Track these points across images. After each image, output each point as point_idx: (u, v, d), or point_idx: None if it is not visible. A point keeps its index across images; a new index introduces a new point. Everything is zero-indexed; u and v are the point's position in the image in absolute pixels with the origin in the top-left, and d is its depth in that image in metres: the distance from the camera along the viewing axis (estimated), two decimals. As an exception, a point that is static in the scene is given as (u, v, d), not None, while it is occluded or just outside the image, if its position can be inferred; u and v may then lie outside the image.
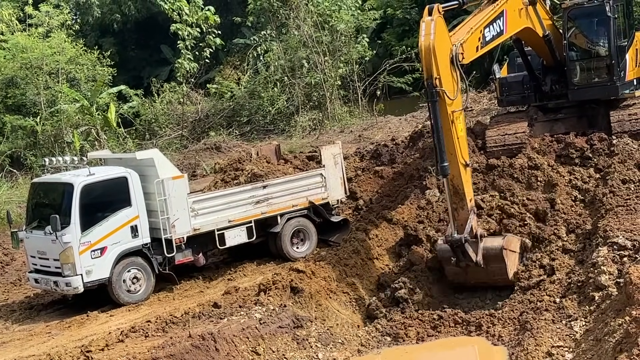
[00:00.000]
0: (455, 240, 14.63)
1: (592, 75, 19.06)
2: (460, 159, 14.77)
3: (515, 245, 15.78)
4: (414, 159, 20.17)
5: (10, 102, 35.31)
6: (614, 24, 18.50)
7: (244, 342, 13.17)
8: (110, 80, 38.93)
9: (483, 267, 15.10)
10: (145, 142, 36.01)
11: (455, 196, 14.85)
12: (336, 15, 36.27)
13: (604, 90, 18.82)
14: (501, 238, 15.66)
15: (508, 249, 15.52)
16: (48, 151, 32.90)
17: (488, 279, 15.45)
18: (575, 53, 19.25)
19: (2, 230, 23.86)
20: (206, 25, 35.24)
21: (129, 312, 16.03)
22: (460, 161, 14.78)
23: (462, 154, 14.83)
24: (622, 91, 18.79)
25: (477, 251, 14.99)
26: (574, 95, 19.16)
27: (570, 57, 19.10)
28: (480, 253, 15.05)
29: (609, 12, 18.24)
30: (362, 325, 14.84)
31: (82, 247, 15.98)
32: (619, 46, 18.67)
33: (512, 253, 15.59)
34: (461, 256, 14.84)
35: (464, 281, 15.60)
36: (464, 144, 15.12)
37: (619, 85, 18.63)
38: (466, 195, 14.91)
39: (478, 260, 14.99)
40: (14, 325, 16.26)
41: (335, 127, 34.68)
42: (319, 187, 18.73)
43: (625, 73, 18.92)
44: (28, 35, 36.02)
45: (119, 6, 51.05)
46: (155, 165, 16.78)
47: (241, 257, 18.54)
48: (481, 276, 15.42)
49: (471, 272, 15.29)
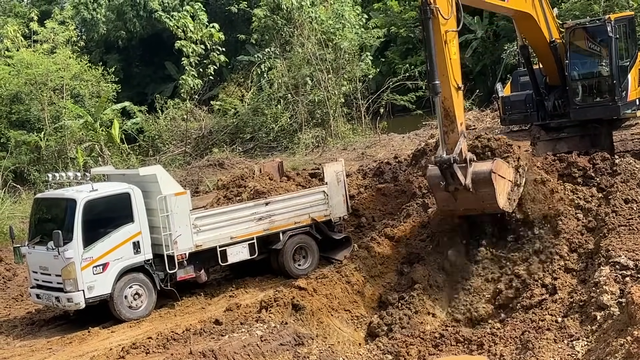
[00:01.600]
0: (444, 161, 14.66)
1: (593, 94, 19.12)
2: (453, 81, 14.89)
3: (506, 172, 15.64)
4: (416, 177, 20.17)
5: (15, 118, 35.44)
6: (616, 44, 18.57)
7: (245, 359, 13.14)
8: (115, 96, 39.10)
9: (472, 192, 15.03)
10: (149, 158, 36.11)
11: (446, 119, 14.93)
12: (340, 33, 36.44)
13: (605, 110, 18.88)
14: (490, 162, 15.57)
15: (497, 173, 15.41)
16: (52, 167, 32.99)
17: (477, 205, 15.39)
18: (577, 72, 19.32)
19: (4, 245, 23.88)
20: (210, 43, 35.45)
21: (130, 328, 16.02)
22: (453, 83, 14.90)
23: (454, 76, 14.95)
24: (623, 111, 18.83)
25: (466, 175, 14.95)
26: (576, 114, 19.21)
27: (572, 77, 19.17)
28: (469, 176, 14.98)
29: (611, 32, 18.32)
30: (363, 343, 14.79)
31: (84, 262, 15.98)
32: (620, 66, 18.73)
33: (501, 179, 15.46)
34: (450, 179, 14.85)
35: (454, 208, 15.54)
36: (457, 67, 15.18)
37: (621, 105, 18.69)
38: (457, 118, 15.00)
39: (466, 183, 14.94)
40: (16, 341, 16.25)
41: (338, 145, 34.75)
42: (321, 204, 18.74)
43: (627, 93, 18.96)
44: (33, 51, 36.25)
45: (124, 23, 51.31)
46: (158, 182, 16.82)
47: (243, 273, 18.53)
48: (470, 202, 15.35)
49: (460, 198, 15.22)
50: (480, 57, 44.02)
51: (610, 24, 18.35)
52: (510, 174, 15.79)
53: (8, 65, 36.78)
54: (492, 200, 15.28)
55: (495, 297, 15.33)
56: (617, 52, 18.66)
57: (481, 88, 41.07)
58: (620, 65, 18.82)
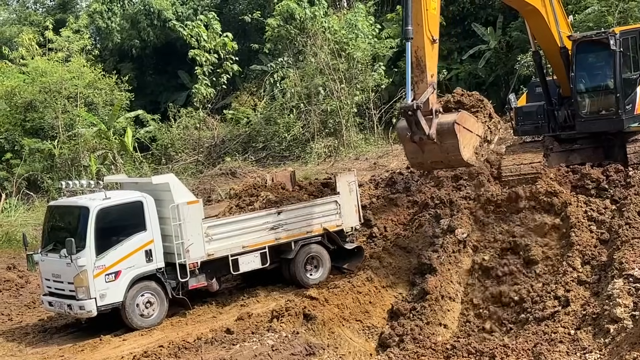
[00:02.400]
0: (408, 107, 14.88)
1: (599, 107, 19.11)
2: (427, 32, 15.18)
3: (473, 126, 15.83)
4: (429, 188, 20.15)
5: (29, 126, 35.65)
6: (620, 57, 18.51)
7: (256, 368, 13.15)
8: (128, 104, 39.27)
9: (437, 144, 15.23)
10: (161, 166, 36.20)
11: (417, 68, 15.21)
12: (353, 43, 36.49)
13: (609, 123, 18.91)
14: (455, 113, 15.77)
15: (462, 125, 15.56)
16: (65, 174, 33.15)
17: (443, 157, 15.61)
18: (583, 85, 19.32)
19: (18, 252, 23.99)
20: (224, 52, 35.60)
21: (141, 337, 16.03)
22: (427, 34, 15.18)
23: (429, 28, 15.24)
24: (628, 124, 18.76)
25: (431, 125, 15.15)
26: (581, 126, 19.26)
27: (578, 89, 19.18)
28: (434, 127, 15.16)
29: (613, 45, 18.28)
30: (374, 353, 14.76)
31: (96, 270, 16.02)
32: (625, 79, 18.67)
33: (467, 131, 15.63)
34: (415, 127, 15.04)
35: (422, 161, 15.86)
36: (434, 20, 15.46)
37: (624, 118, 18.64)
38: (428, 69, 15.24)
39: (430, 133, 15.12)
40: (27, 348, 16.28)
41: (351, 155, 34.75)
42: (333, 214, 18.73)
43: (634, 106, 18.87)
44: (48, 59, 36.47)
45: (138, 32, 51.55)
46: (171, 190, 16.86)
47: (254, 283, 18.53)
48: (437, 154, 15.58)
49: (427, 150, 15.48)
50: (493, 67, 43.96)
51: (614, 37, 18.31)
52: (479, 128, 16.07)
53: (23, 73, 37.06)
54: (456, 152, 15.50)
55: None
56: (621, 65, 18.59)
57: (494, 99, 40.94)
58: (629, 79, 18.77)
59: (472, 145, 15.78)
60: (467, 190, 18.77)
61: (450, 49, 45.88)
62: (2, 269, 22.38)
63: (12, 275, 21.85)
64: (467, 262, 16.61)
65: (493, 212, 17.77)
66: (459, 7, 45.17)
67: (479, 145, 16.22)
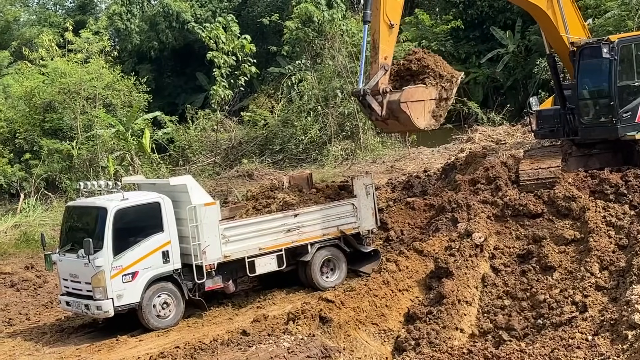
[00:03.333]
0: (356, 92, 16.22)
1: (598, 114, 19.08)
2: (384, 16, 16.06)
3: (422, 94, 16.98)
4: (446, 191, 20.08)
5: (48, 126, 35.89)
6: (615, 65, 18.40)
7: (272, 370, 13.15)
8: (146, 106, 39.44)
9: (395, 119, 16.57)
10: (179, 168, 36.33)
11: (372, 50, 16.25)
12: (371, 46, 36.44)
13: (606, 130, 18.84)
14: (400, 92, 16.93)
15: (407, 100, 16.76)
16: (83, 175, 33.33)
17: (404, 128, 17.36)
18: (585, 91, 19.31)
19: (35, 252, 24.13)
20: (242, 54, 35.66)
21: (158, 338, 16.08)
22: (384, 19, 16.04)
23: (387, 12, 16.15)
24: (624, 133, 18.64)
25: (382, 105, 16.31)
26: (583, 133, 19.27)
27: (580, 95, 19.16)
28: (385, 107, 16.33)
29: (607, 53, 18.21)
30: (390, 357, 14.73)
31: (113, 271, 16.09)
32: (622, 87, 18.58)
33: (417, 103, 16.81)
34: (368, 110, 16.31)
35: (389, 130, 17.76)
36: (394, 5, 16.39)
37: (619, 126, 18.52)
38: (380, 51, 16.25)
39: (383, 114, 16.39)
40: (45, 348, 16.37)
41: (368, 158, 34.72)
42: (350, 217, 18.71)
43: (635, 115, 18.73)
44: (67, 60, 36.68)
45: (157, 34, 51.83)
46: (188, 192, 16.90)
47: (271, 285, 18.54)
48: (398, 126, 17.23)
49: (389, 123, 16.97)
50: (512, 71, 43.86)
51: (609, 45, 18.25)
52: (430, 93, 17.11)
53: (42, 74, 37.30)
54: (411, 124, 16.92)
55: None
56: (616, 73, 18.48)
57: (512, 103, 40.91)
58: (627, 86, 18.67)
59: (426, 112, 17.02)
60: (484, 194, 18.69)
61: (469, 53, 45.86)
62: (20, 269, 22.53)
63: (30, 274, 21.99)
64: (484, 267, 16.54)
65: (510, 217, 17.72)
66: (477, 11, 45.12)
67: (436, 108, 17.39)
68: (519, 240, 16.89)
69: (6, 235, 26.72)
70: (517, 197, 18.03)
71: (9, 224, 27.51)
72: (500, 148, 25.65)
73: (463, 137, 33.53)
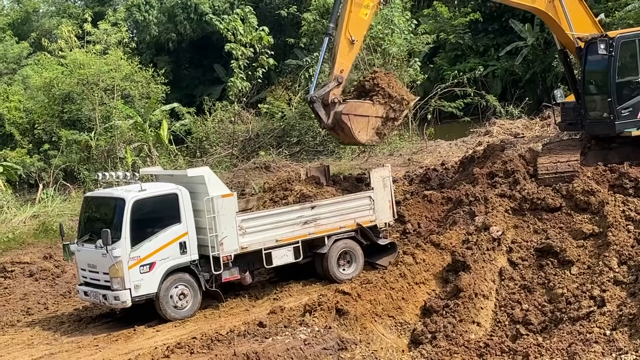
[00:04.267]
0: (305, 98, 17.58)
1: (600, 110, 19.04)
2: (346, 32, 16.95)
3: (367, 110, 17.73)
4: (463, 184, 20.03)
5: (66, 117, 36.04)
6: (614, 61, 18.34)
7: (288, 362, 13.18)
8: (164, 97, 39.52)
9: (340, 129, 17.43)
10: (196, 159, 36.38)
11: (331, 61, 17.26)
12: (389, 38, 36.32)
13: (605, 126, 18.86)
14: (344, 104, 17.72)
15: (350, 113, 17.56)
16: (101, 166, 33.46)
17: (348, 139, 18.10)
18: (591, 86, 19.28)
19: (54, 242, 24.27)
20: (260, 46, 35.61)
21: (175, 328, 16.15)
22: (346, 34, 16.94)
23: (349, 28, 17.05)
24: (622, 129, 18.55)
25: (329, 115, 17.26)
26: (588, 128, 19.27)
27: (586, 90, 19.14)
28: (331, 117, 17.28)
29: (603, 50, 18.17)
30: (406, 350, 14.73)
31: (131, 261, 16.16)
32: (621, 83, 18.51)
33: (360, 117, 17.58)
34: (316, 117, 17.44)
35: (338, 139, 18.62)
36: (359, 23, 17.26)
37: (617, 123, 18.48)
38: (337, 63, 17.15)
39: (327, 123, 17.40)
40: (63, 337, 16.48)
41: (385, 150, 34.62)
42: (367, 210, 18.67)
43: (637, 111, 18.59)
44: (86, 52, 36.82)
45: (175, 25, 51.90)
46: (206, 183, 16.93)
47: (287, 277, 18.56)
48: (345, 137, 18.00)
49: (339, 134, 17.79)
50: (530, 64, 43.59)
51: (606, 41, 18.17)
52: (377, 111, 17.87)
53: (61, 65, 37.46)
54: (352, 136, 17.69)
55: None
56: (615, 69, 18.40)
57: (530, 96, 40.67)
58: (627, 82, 18.56)
59: (370, 128, 17.78)
60: (502, 188, 18.63)
61: (487, 45, 45.63)
62: (39, 259, 22.65)
63: (48, 264, 22.12)
64: (501, 260, 16.49)
65: (528, 211, 17.65)
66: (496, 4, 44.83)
67: (380, 125, 18.16)
68: (536, 234, 16.82)
69: (25, 225, 26.88)
70: (535, 191, 17.96)
71: (27, 214, 27.67)
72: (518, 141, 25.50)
73: (481, 130, 33.38)
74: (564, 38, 19.82)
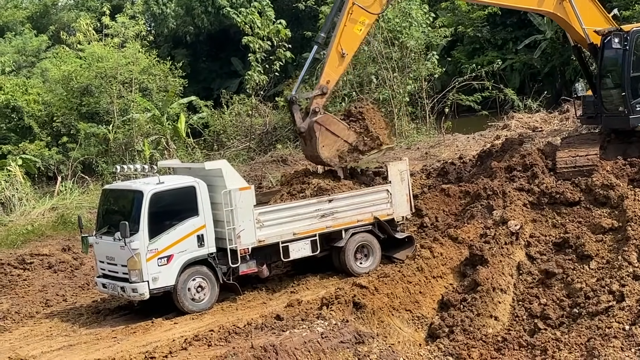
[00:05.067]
0: (286, 96, 17.49)
1: (615, 104, 18.95)
2: (338, 45, 17.03)
3: (340, 130, 17.72)
4: (481, 178, 19.95)
5: (85, 110, 36.25)
6: (628, 55, 18.30)
7: (305, 355, 13.17)
8: (181, 91, 39.62)
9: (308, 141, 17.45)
10: (213, 152, 36.47)
11: (320, 69, 17.55)
12: (406, 32, 36.21)
13: (620, 120, 18.82)
14: (322, 115, 17.70)
15: (323, 125, 17.52)
16: (119, 159, 33.62)
17: (312, 151, 17.77)
18: (607, 80, 19.20)
19: (73, 234, 24.42)
20: (277, 39, 35.62)
21: (192, 321, 16.20)
22: (337, 47, 17.02)
23: (341, 42, 17.12)
24: (636, 124, 18.52)
25: (304, 119, 17.37)
26: (605, 122, 19.20)
27: (603, 85, 19.04)
28: (306, 123, 17.39)
29: (617, 44, 18.23)
30: (424, 344, 14.69)
31: (149, 254, 16.22)
32: (633, 77, 18.47)
33: (329, 133, 17.58)
34: (292, 119, 17.53)
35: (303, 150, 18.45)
36: (352, 38, 17.26)
37: (631, 117, 18.45)
38: (324, 73, 17.36)
39: (300, 127, 17.41)
40: (81, 329, 16.58)
41: (402, 144, 34.54)
42: (384, 203, 18.65)
43: None
44: (104, 45, 36.97)
45: (193, 19, 52.00)
46: (223, 176, 16.95)
47: (304, 270, 18.58)
48: (310, 147, 17.82)
49: (307, 142, 17.73)
50: (549, 58, 43.33)
51: (621, 35, 18.09)
52: (348, 135, 17.82)
53: (80, 58, 37.64)
54: (314, 147, 17.49)
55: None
56: (629, 63, 18.38)
57: (549, 89, 40.45)
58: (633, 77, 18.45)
59: (334, 148, 17.67)
60: (520, 182, 18.54)
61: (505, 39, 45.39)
62: (57, 251, 22.81)
63: (67, 256, 22.26)
64: (519, 255, 16.41)
65: (547, 205, 17.55)
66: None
67: (346, 151, 18.00)
68: (555, 228, 16.73)
69: (44, 217, 27.08)
70: (554, 185, 17.87)
71: (46, 207, 27.87)
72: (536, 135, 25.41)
73: (499, 124, 33.24)
74: (576, 35, 19.84)
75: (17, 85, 38.31)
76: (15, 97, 36.94)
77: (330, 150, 17.73)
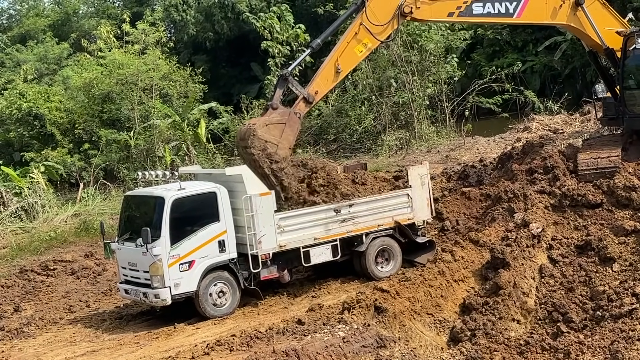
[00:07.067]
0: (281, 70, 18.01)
1: (638, 105, 18.91)
2: (336, 60, 17.01)
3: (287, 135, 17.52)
4: (502, 181, 19.87)
5: (106, 117, 36.51)
6: None
7: (327, 359, 13.19)
8: (201, 96, 39.81)
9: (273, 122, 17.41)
10: (234, 158, 36.54)
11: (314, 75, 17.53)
12: (426, 35, 36.20)
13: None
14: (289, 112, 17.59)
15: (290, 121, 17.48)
16: (140, 165, 33.83)
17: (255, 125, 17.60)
18: (630, 81, 19.08)
19: (95, 241, 24.58)
20: (296, 44, 35.73)
21: (214, 326, 16.25)
22: (334, 62, 16.97)
23: (340, 58, 17.13)
24: None
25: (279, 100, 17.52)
26: (628, 123, 19.06)
27: (626, 85, 18.93)
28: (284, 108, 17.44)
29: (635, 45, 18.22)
30: (446, 347, 14.66)
31: (171, 260, 16.28)
32: None
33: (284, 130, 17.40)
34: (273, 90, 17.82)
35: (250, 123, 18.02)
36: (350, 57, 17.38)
37: None
38: (314, 84, 17.34)
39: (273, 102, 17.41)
40: (104, 334, 16.68)
41: (422, 147, 34.53)
42: (405, 207, 18.60)
43: None
44: (124, 52, 37.22)
45: (212, 25, 52.24)
46: (244, 182, 16.99)
47: (325, 274, 18.57)
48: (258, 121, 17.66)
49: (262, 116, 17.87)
50: (570, 59, 43.11)
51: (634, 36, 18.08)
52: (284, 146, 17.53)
53: (101, 65, 37.93)
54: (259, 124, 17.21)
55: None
56: None
57: (570, 91, 40.23)
58: None
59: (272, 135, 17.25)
60: (542, 184, 18.45)
61: (526, 41, 45.22)
62: (80, 257, 22.96)
63: (89, 262, 22.41)
64: (541, 258, 16.33)
65: (568, 207, 17.46)
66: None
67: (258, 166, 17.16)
68: (577, 230, 16.64)
69: (66, 223, 27.29)
70: (575, 187, 17.76)
71: (69, 213, 28.09)
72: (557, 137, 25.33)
73: (519, 126, 33.14)
74: (591, 41, 19.85)
75: (39, 92, 38.70)
76: (37, 105, 37.31)
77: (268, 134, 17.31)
